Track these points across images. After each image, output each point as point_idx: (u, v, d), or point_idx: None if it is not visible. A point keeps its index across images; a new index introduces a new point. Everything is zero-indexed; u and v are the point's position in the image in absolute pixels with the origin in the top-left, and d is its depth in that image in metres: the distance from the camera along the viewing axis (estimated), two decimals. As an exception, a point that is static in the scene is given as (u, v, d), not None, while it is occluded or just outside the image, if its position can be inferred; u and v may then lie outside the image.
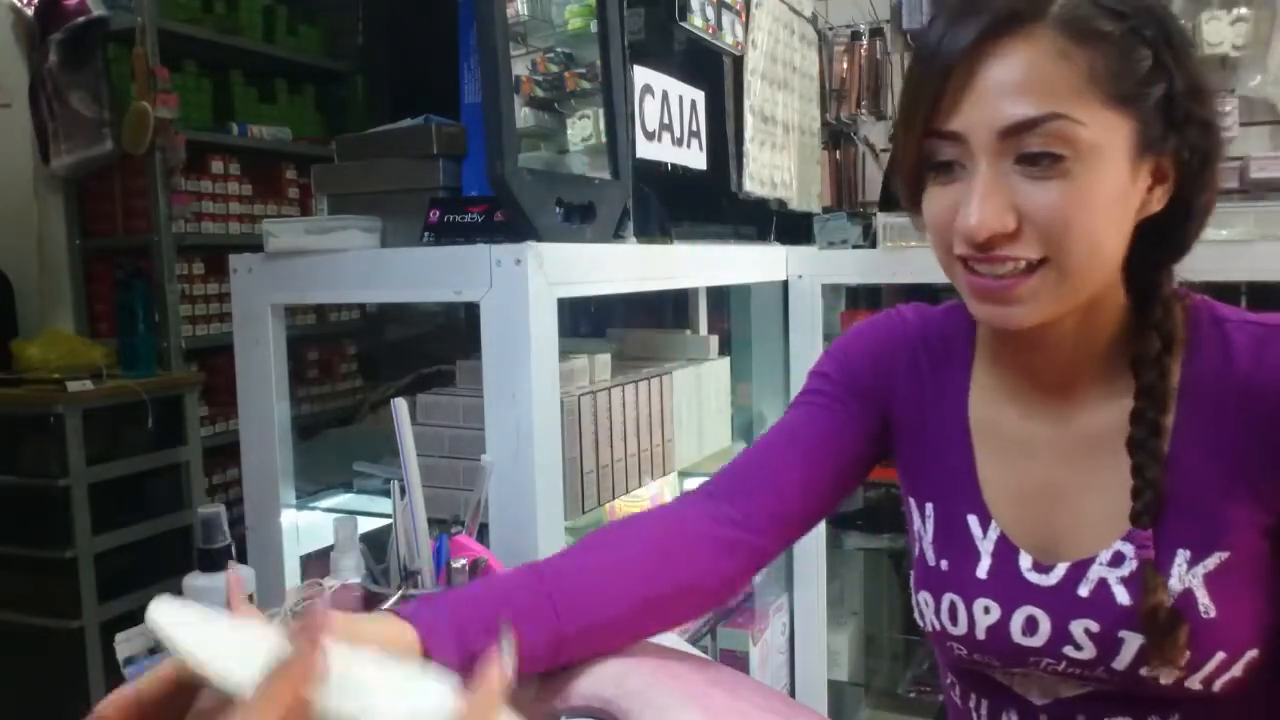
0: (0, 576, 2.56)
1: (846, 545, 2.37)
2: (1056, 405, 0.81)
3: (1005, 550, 0.80)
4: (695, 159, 1.71)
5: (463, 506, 1.10)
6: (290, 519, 1.38)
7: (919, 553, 0.87)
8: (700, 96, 1.73)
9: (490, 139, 1.18)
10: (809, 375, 0.93)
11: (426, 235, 1.27)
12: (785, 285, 2.02)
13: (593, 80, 1.47)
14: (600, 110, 1.46)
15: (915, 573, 0.87)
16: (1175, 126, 0.71)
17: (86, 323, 3.03)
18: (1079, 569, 0.77)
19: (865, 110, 2.60)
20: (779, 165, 2.08)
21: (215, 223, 3.18)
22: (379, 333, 3.79)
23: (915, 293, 2.13)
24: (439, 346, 3.11)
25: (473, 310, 1.19)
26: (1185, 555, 0.73)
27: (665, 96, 1.59)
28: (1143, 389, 0.75)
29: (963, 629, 0.81)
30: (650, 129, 1.54)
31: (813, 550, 2.05)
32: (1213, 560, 0.73)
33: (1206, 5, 2.19)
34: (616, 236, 1.46)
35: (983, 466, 0.84)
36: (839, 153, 2.62)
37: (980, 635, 0.80)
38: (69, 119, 2.82)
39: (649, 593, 0.76)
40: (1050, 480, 0.80)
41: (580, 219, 1.34)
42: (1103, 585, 0.75)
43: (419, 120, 1.35)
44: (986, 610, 0.80)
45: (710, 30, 1.76)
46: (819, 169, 2.39)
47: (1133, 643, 0.73)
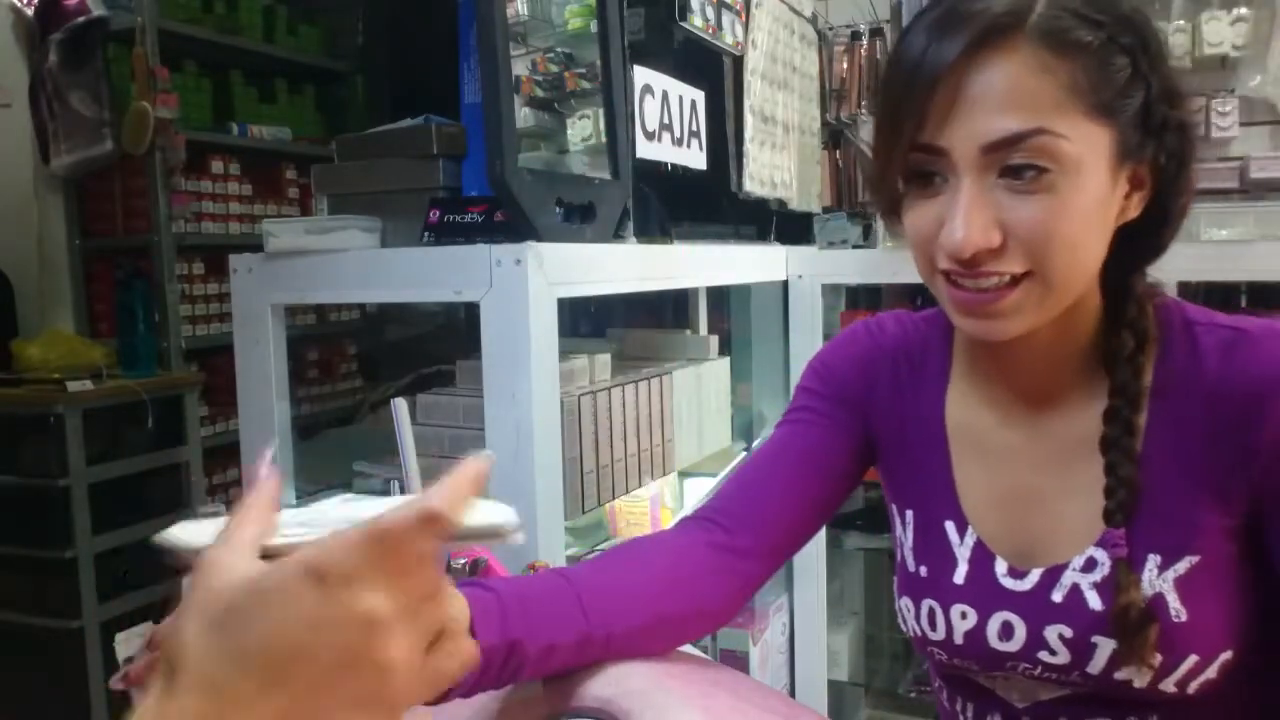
0: (0, 576, 2.56)
1: (846, 545, 2.37)
2: (1033, 411, 0.81)
3: (981, 556, 0.81)
4: (695, 159, 1.71)
5: (463, 506, 1.10)
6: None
7: (900, 559, 0.88)
8: (700, 96, 1.73)
9: (490, 139, 1.18)
10: (795, 391, 0.94)
11: (426, 235, 1.27)
12: (785, 285, 2.02)
13: (593, 80, 1.47)
14: (600, 110, 1.46)
15: (897, 579, 0.88)
16: (1153, 133, 0.71)
17: (86, 323, 3.03)
18: (1053, 574, 0.77)
19: (865, 110, 2.60)
20: (779, 165, 2.08)
21: (215, 223, 3.17)
22: (379, 333, 3.79)
23: (916, 293, 2.13)
24: (439, 346, 3.11)
25: (473, 310, 1.19)
26: (1156, 559, 0.73)
27: (665, 96, 1.59)
28: (1116, 387, 0.75)
29: (941, 634, 0.82)
30: (650, 129, 1.54)
31: (813, 550, 2.05)
32: (1183, 564, 0.73)
33: (1206, 5, 2.19)
34: (616, 236, 1.46)
35: (960, 473, 0.84)
36: (839, 153, 2.61)
37: (958, 640, 0.81)
38: (69, 119, 2.82)
39: (660, 611, 0.78)
40: (1026, 485, 0.81)
41: (580, 219, 1.34)
42: (1075, 590, 0.76)
43: (419, 120, 1.35)
44: (963, 616, 0.81)
45: (710, 30, 1.76)
46: (819, 169, 2.39)
47: (1105, 648, 0.74)
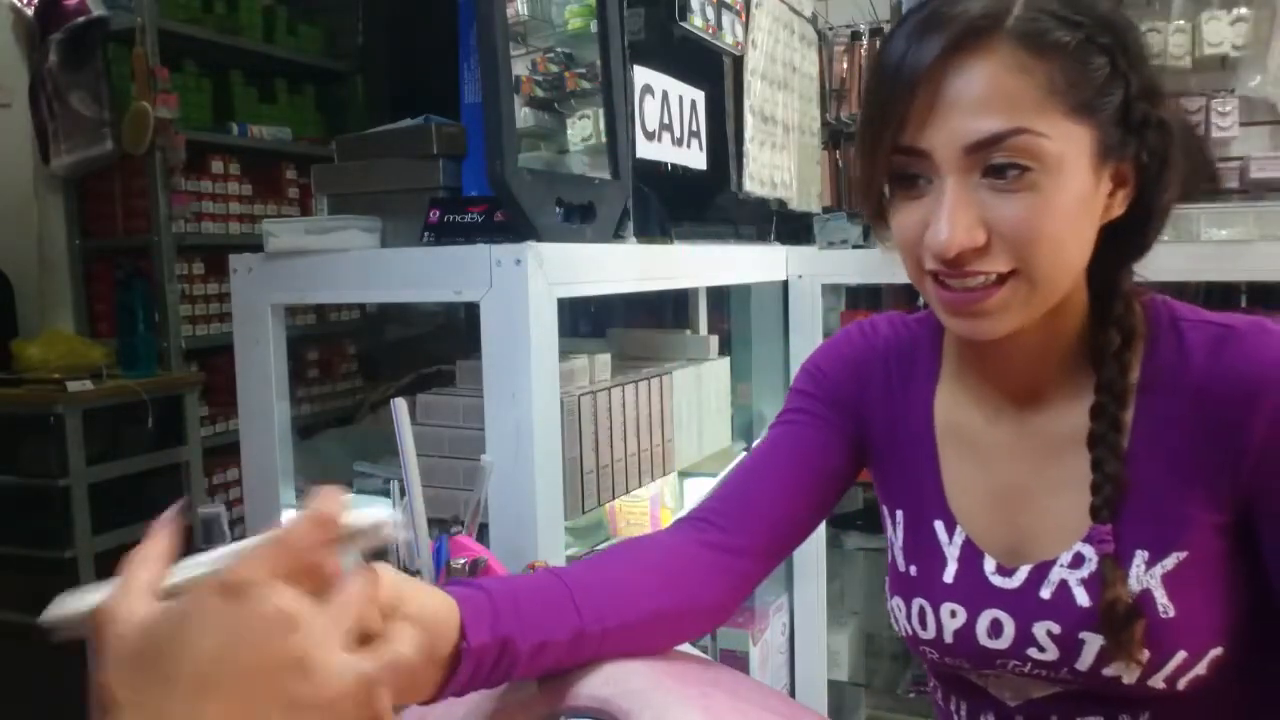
0: (0, 576, 2.56)
1: (846, 545, 2.38)
2: (1021, 409, 0.82)
3: (970, 555, 0.82)
4: (695, 159, 1.71)
5: (463, 506, 1.10)
6: (290, 519, 1.38)
7: (891, 559, 0.89)
8: (700, 96, 1.73)
9: (490, 139, 1.18)
10: (789, 394, 0.95)
11: (426, 235, 1.27)
12: (785, 285, 2.02)
13: (593, 80, 1.47)
14: (600, 110, 1.46)
15: (889, 579, 0.89)
16: (1133, 131, 0.71)
17: (86, 323, 3.03)
18: (1040, 571, 0.78)
19: (865, 110, 2.59)
20: (779, 165, 2.08)
21: (215, 223, 3.18)
22: (379, 333, 3.80)
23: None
24: (439, 346, 3.11)
25: (473, 310, 1.19)
26: (1143, 555, 0.74)
27: (665, 96, 1.59)
28: (1103, 384, 0.76)
29: (931, 633, 0.83)
30: (650, 129, 1.54)
31: (813, 550, 2.05)
32: (1170, 560, 0.73)
33: (1206, 5, 2.19)
34: (616, 236, 1.46)
35: (949, 473, 0.85)
36: (839, 153, 2.61)
37: (948, 639, 0.82)
38: (69, 119, 2.82)
39: (656, 608, 0.78)
40: (1014, 483, 0.81)
41: (580, 219, 1.34)
42: (1063, 587, 0.76)
43: (419, 120, 1.35)
44: (953, 614, 0.81)
45: (710, 30, 1.76)
46: (819, 169, 2.38)
47: (1093, 644, 0.74)
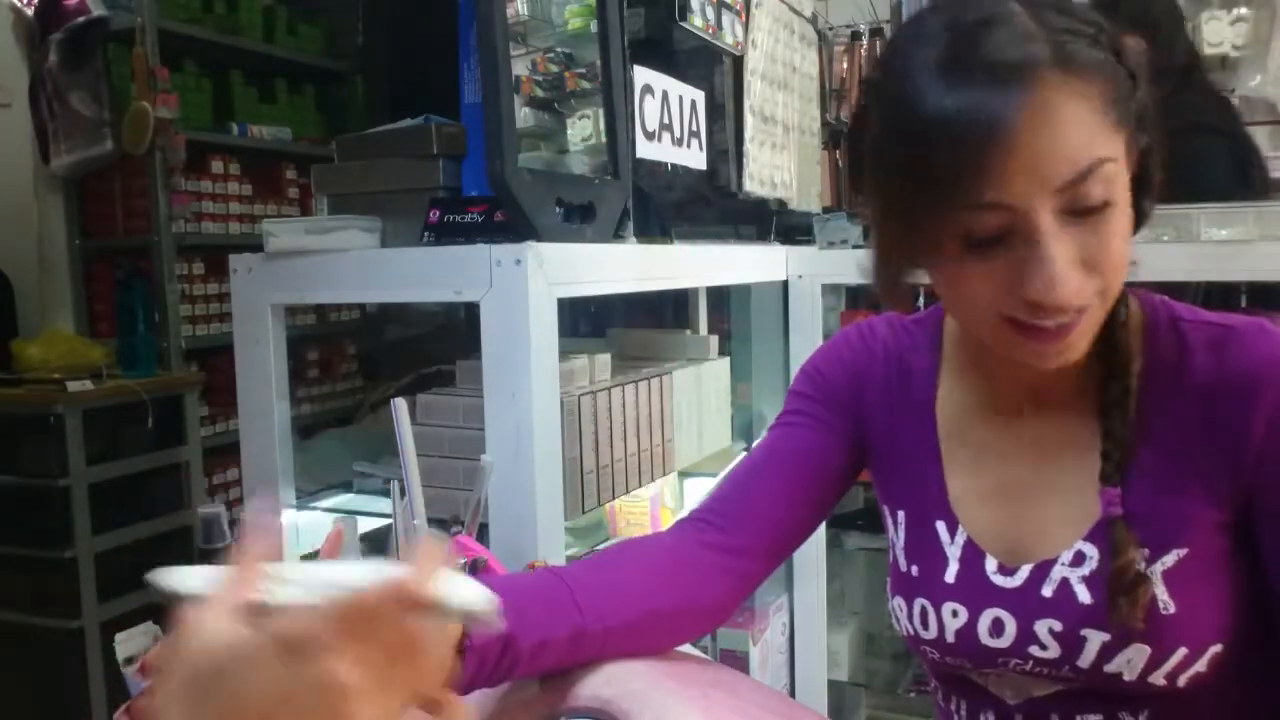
0: (0, 576, 2.56)
1: (846, 545, 2.37)
2: (1024, 409, 0.82)
3: (972, 554, 0.82)
4: (695, 159, 1.71)
5: (463, 506, 1.10)
6: (290, 519, 1.38)
7: (893, 559, 0.89)
8: (700, 96, 1.73)
9: (490, 139, 1.18)
10: (788, 395, 0.94)
11: (426, 235, 1.27)
12: (785, 285, 2.02)
13: (593, 80, 1.47)
14: (600, 110, 1.46)
15: (890, 579, 0.89)
16: (1145, 131, 0.71)
17: (86, 323, 3.03)
18: (1042, 570, 0.78)
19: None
20: (779, 165, 2.08)
21: (215, 223, 3.17)
22: (379, 333, 3.80)
23: (916, 294, 2.13)
24: (439, 346, 3.12)
25: (473, 310, 1.19)
26: (1144, 552, 0.74)
27: (665, 96, 1.59)
28: (1114, 366, 0.76)
29: (933, 633, 0.83)
30: (650, 129, 1.54)
31: (813, 550, 2.05)
32: (1171, 557, 0.73)
33: (1206, 5, 2.19)
34: (616, 236, 1.46)
35: (950, 473, 0.85)
36: (839, 153, 2.62)
37: (950, 638, 0.82)
38: (69, 119, 2.82)
39: (656, 608, 0.78)
40: (1016, 483, 0.81)
41: (580, 219, 1.34)
42: (1065, 585, 0.77)
43: (419, 120, 1.35)
44: (954, 614, 0.81)
45: (710, 30, 1.76)
46: (819, 169, 2.39)
47: (1095, 640, 0.74)
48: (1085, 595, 0.75)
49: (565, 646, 0.72)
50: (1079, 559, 0.77)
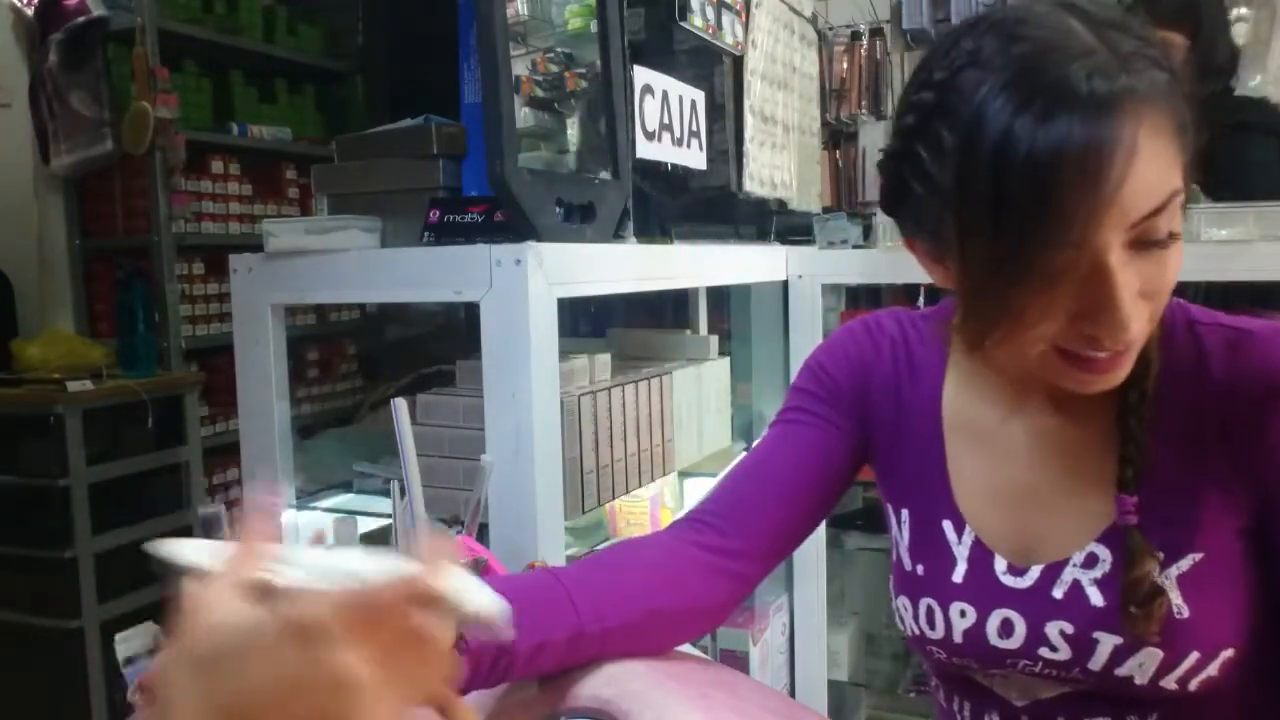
0: (0, 576, 2.56)
1: (846, 545, 2.37)
2: (1039, 410, 0.81)
3: (980, 554, 0.81)
4: (695, 159, 1.71)
5: (463, 506, 1.11)
6: (290, 519, 1.39)
7: (896, 558, 0.88)
8: (700, 96, 1.73)
9: (490, 139, 1.18)
10: (790, 391, 0.93)
11: (426, 235, 1.27)
12: (785, 285, 2.02)
13: (593, 80, 1.47)
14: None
15: (893, 577, 0.88)
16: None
17: (86, 323, 3.03)
18: (1053, 571, 0.77)
19: (865, 110, 2.60)
20: (779, 165, 2.08)
21: (215, 223, 3.18)
22: (379, 333, 3.80)
23: (916, 293, 2.13)
24: (439, 346, 3.11)
25: (473, 310, 1.19)
26: (1159, 556, 0.73)
27: (665, 96, 1.59)
28: (1130, 372, 0.74)
29: (940, 633, 0.82)
30: (650, 129, 1.54)
31: (813, 550, 2.05)
32: (1186, 562, 0.73)
33: (1207, 5, 2.19)
34: (616, 236, 1.46)
35: (957, 472, 0.84)
36: (839, 153, 2.62)
37: (957, 639, 0.81)
38: (69, 119, 2.82)
39: (654, 609, 0.77)
40: (1027, 483, 0.81)
41: (580, 219, 1.34)
42: (1076, 587, 0.76)
43: (419, 120, 1.35)
44: (963, 614, 0.81)
45: (710, 30, 1.76)
46: (819, 169, 2.39)
47: (1107, 643, 0.74)
48: (1098, 598, 0.75)
49: (563, 648, 0.72)
50: (1091, 561, 0.76)
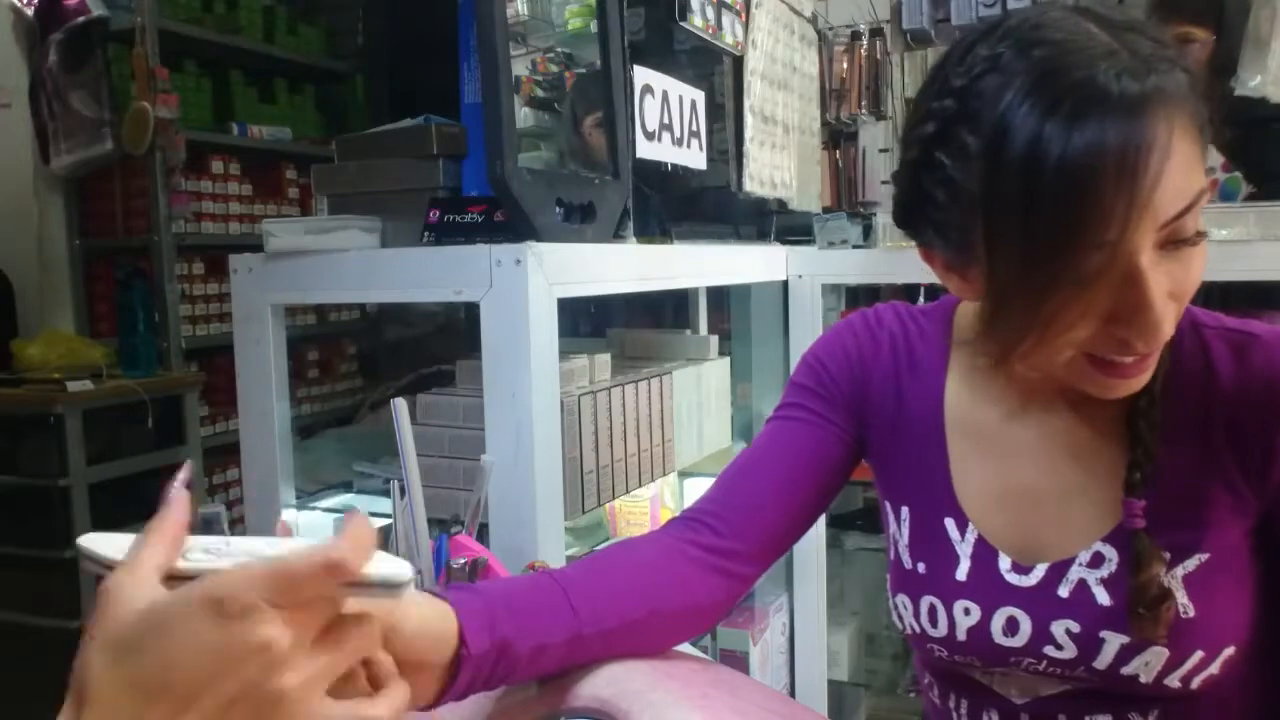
0: (0, 576, 2.56)
1: (846, 545, 2.37)
2: (1045, 409, 0.81)
3: (984, 552, 0.81)
4: (695, 159, 1.71)
5: (463, 506, 1.11)
6: (290, 519, 1.38)
7: (894, 556, 0.87)
8: (700, 96, 1.73)
9: (490, 139, 1.18)
10: (787, 386, 0.93)
11: (426, 235, 1.27)
12: (785, 285, 2.02)
13: (593, 80, 1.47)
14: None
15: (891, 576, 0.88)
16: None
17: (86, 323, 3.03)
18: (1058, 570, 0.77)
19: (865, 110, 2.60)
20: (779, 165, 2.08)
21: (215, 223, 3.18)
22: (379, 333, 3.80)
23: (915, 293, 2.13)
24: (439, 346, 3.12)
25: (473, 310, 1.19)
26: (1165, 557, 0.73)
27: (665, 96, 1.59)
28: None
29: (943, 631, 0.82)
30: (650, 129, 1.54)
31: (813, 550, 2.05)
32: (1192, 562, 0.73)
33: (1206, 5, 2.18)
34: (616, 236, 1.46)
35: (959, 469, 0.84)
36: (839, 153, 2.61)
37: (961, 637, 0.81)
38: (69, 119, 2.83)
39: (652, 609, 0.77)
40: (1032, 482, 0.80)
41: (580, 219, 1.34)
42: (1082, 586, 0.76)
43: (419, 120, 1.35)
44: (967, 612, 0.80)
45: (710, 30, 1.76)
46: (819, 169, 2.38)
47: (1114, 642, 0.74)
48: (1104, 597, 0.75)
49: (562, 650, 0.72)
50: (1097, 560, 0.76)
